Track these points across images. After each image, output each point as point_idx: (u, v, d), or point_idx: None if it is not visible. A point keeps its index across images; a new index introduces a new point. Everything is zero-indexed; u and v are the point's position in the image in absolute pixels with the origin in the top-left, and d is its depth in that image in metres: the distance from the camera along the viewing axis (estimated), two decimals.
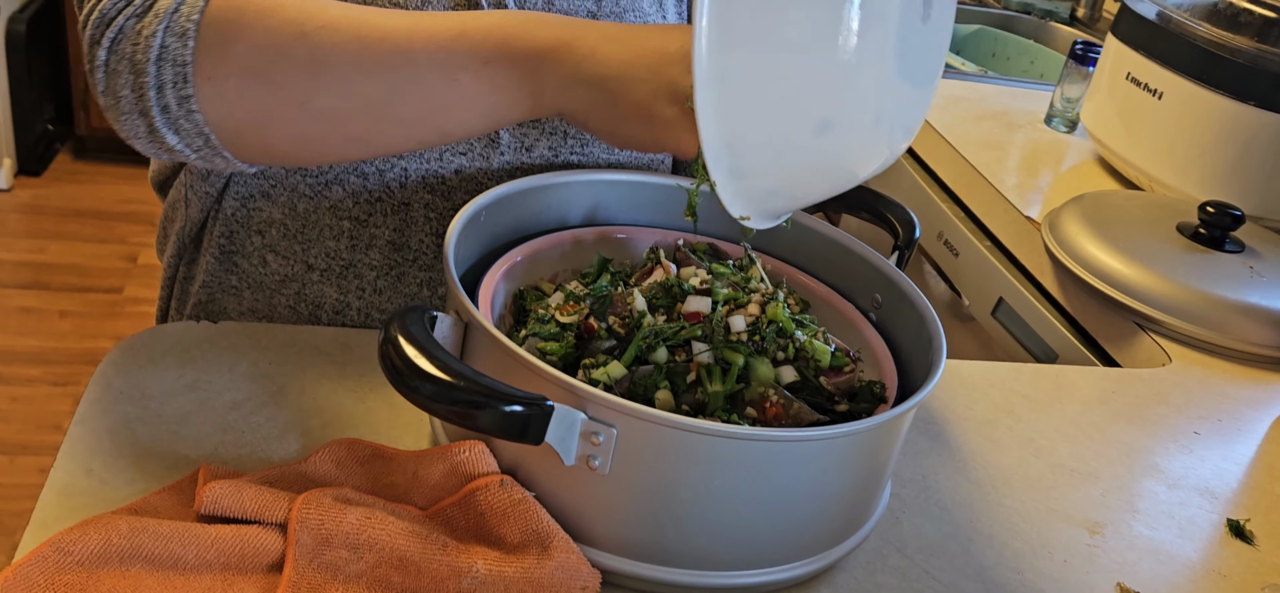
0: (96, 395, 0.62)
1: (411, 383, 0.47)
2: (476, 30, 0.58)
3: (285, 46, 0.57)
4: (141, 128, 0.59)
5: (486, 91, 0.58)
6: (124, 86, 0.58)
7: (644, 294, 0.59)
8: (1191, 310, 0.90)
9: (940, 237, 1.24)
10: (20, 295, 2.27)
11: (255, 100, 0.58)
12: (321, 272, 0.74)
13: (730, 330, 0.57)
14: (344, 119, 0.59)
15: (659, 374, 0.55)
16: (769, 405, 0.54)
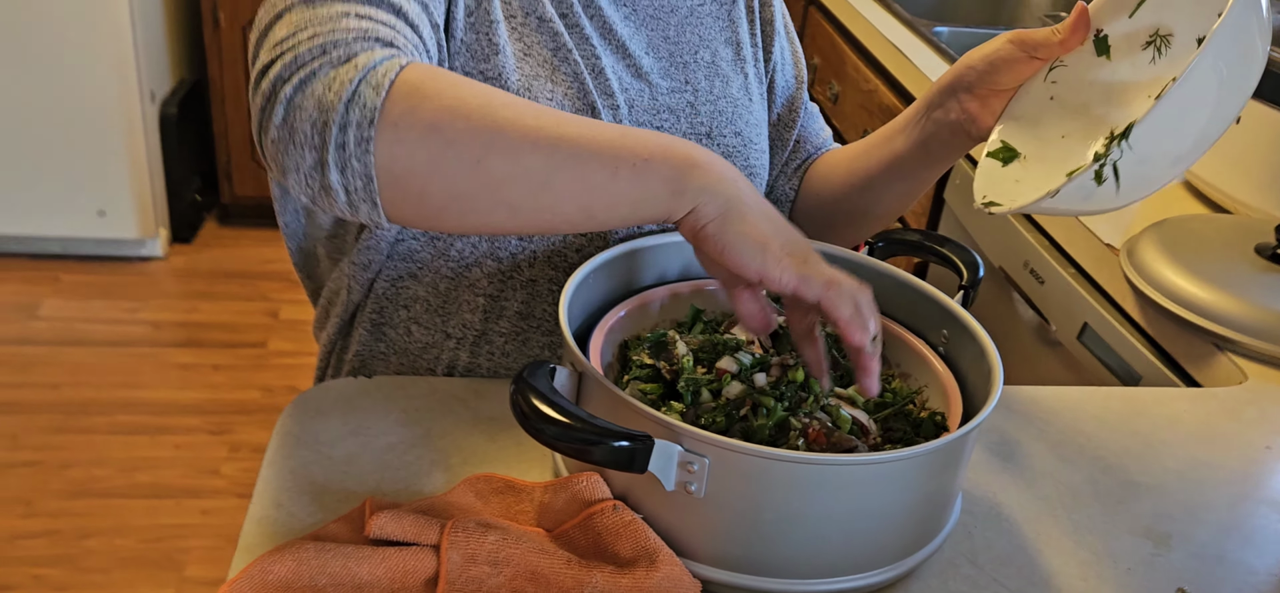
0: (279, 443, 0.74)
1: (537, 426, 0.57)
2: (642, 136, 0.66)
3: (469, 111, 0.64)
4: (309, 161, 0.63)
5: (638, 184, 0.64)
6: (305, 121, 0.63)
7: (690, 346, 0.69)
8: (1265, 329, 0.94)
9: (1026, 265, 1.29)
10: (178, 353, 2.49)
11: (429, 152, 0.63)
12: (458, 340, 0.87)
13: (755, 384, 0.66)
14: (504, 185, 0.64)
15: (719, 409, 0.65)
16: (811, 431, 0.63)
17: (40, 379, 2.33)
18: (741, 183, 0.65)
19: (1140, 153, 0.64)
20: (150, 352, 2.47)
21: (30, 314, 2.54)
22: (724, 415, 0.66)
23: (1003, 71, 0.82)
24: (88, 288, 2.67)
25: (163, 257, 2.82)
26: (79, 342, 2.47)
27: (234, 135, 2.86)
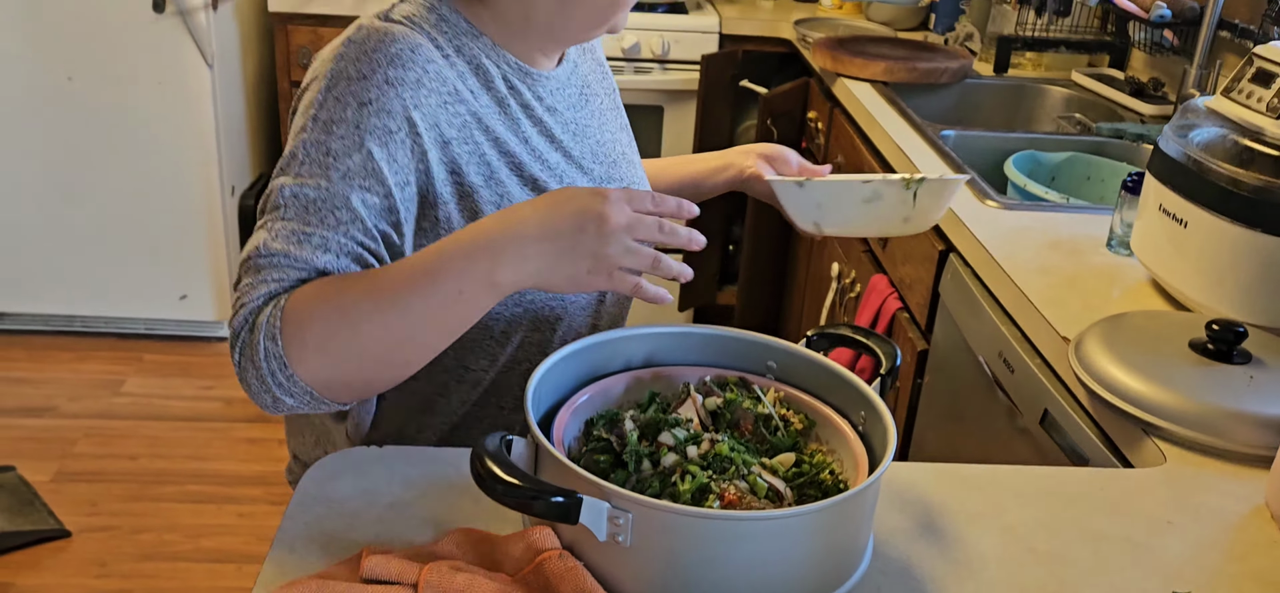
0: (299, 499, 0.89)
1: (490, 485, 0.71)
2: (451, 252, 0.86)
3: (333, 325, 0.85)
4: (267, 401, 0.88)
5: (464, 295, 0.86)
6: (252, 378, 0.87)
7: (636, 425, 0.82)
8: (1185, 416, 1.04)
9: (1000, 355, 1.40)
10: (246, 428, 2.68)
11: (331, 361, 0.86)
12: (454, 426, 1.03)
13: (687, 455, 0.79)
14: (393, 348, 0.87)
15: (656, 476, 0.78)
16: (727, 495, 0.75)
17: (120, 451, 2.54)
18: (527, 226, 0.85)
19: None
20: (222, 427, 2.67)
21: (114, 390, 2.77)
22: (659, 481, 0.79)
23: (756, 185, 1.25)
24: (168, 366, 2.90)
25: None
26: (157, 416, 2.68)
27: None
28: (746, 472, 0.80)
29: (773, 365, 0.94)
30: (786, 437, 0.87)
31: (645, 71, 2.88)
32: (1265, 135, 1.18)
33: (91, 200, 2.83)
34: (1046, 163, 1.94)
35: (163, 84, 2.72)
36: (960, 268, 1.58)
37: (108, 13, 2.65)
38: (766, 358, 0.94)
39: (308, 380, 0.86)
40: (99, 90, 2.72)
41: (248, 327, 0.87)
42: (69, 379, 2.80)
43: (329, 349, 0.85)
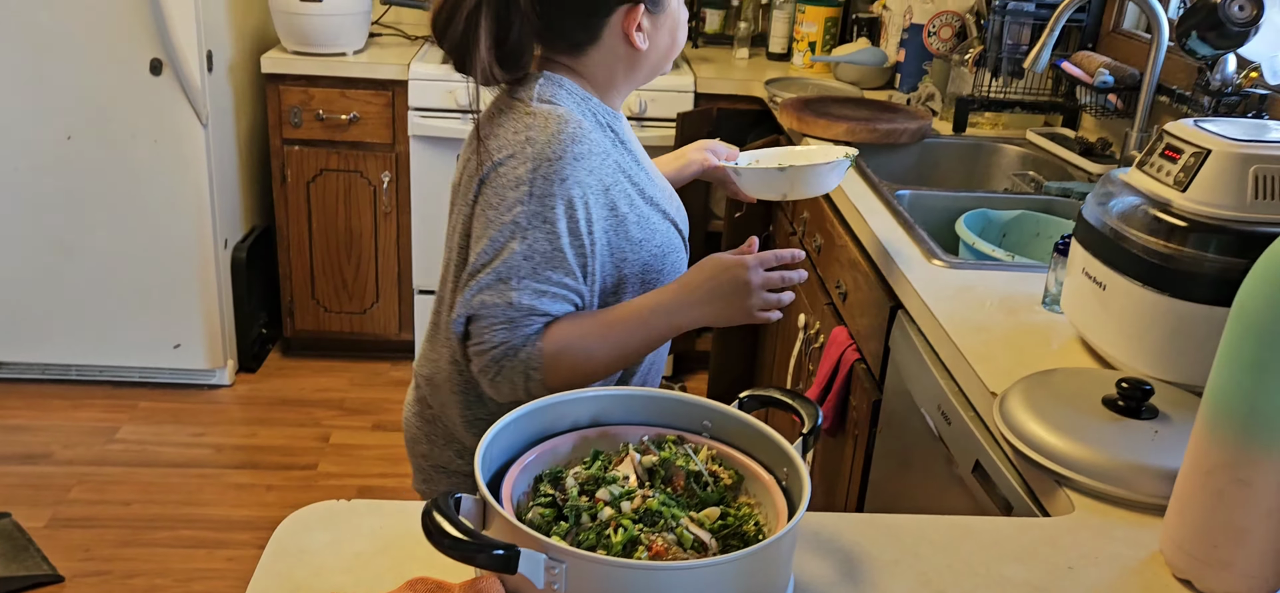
0: (273, 547, 0.97)
1: (437, 538, 0.79)
2: (650, 306, 1.30)
3: (579, 364, 1.25)
4: (505, 395, 1.27)
5: (657, 340, 1.31)
6: (507, 387, 1.25)
7: (577, 482, 0.91)
8: (1092, 467, 1.13)
9: (939, 408, 1.49)
10: (236, 474, 2.76)
11: (569, 383, 1.23)
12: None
13: (621, 509, 0.88)
14: (604, 375, 1.30)
15: (593, 528, 0.87)
16: (655, 547, 0.84)
17: (114, 497, 2.62)
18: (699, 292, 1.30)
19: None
20: (212, 473, 2.75)
21: (108, 437, 2.86)
22: (595, 534, 0.88)
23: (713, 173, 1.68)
24: (161, 413, 2.98)
25: (229, 385, 3.13)
26: (150, 463, 2.76)
27: (297, 276, 3.19)
28: (675, 524, 0.89)
29: (707, 424, 1.03)
30: (715, 491, 0.96)
31: None
32: (1172, 207, 1.28)
33: (88, 253, 2.93)
34: (997, 221, 2.04)
35: (158, 142, 2.83)
36: (907, 323, 1.68)
37: (107, 75, 2.76)
38: (702, 418, 1.03)
39: (549, 391, 1.17)
40: (97, 149, 2.83)
41: (510, 356, 1.24)
42: (64, 426, 2.89)
43: (574, 378, 1.25)
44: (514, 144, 1.23)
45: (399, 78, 2.96)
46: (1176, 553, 1.01)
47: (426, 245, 3.12)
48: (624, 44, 1.30)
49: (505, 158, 1.24)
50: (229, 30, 2.96)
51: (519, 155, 1.22)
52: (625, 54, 1.31)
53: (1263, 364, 0.89)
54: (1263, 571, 0.96)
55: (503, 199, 1.23)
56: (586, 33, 1.29)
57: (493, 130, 1.27)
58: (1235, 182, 1.23)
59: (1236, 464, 0.93)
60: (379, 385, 3.21)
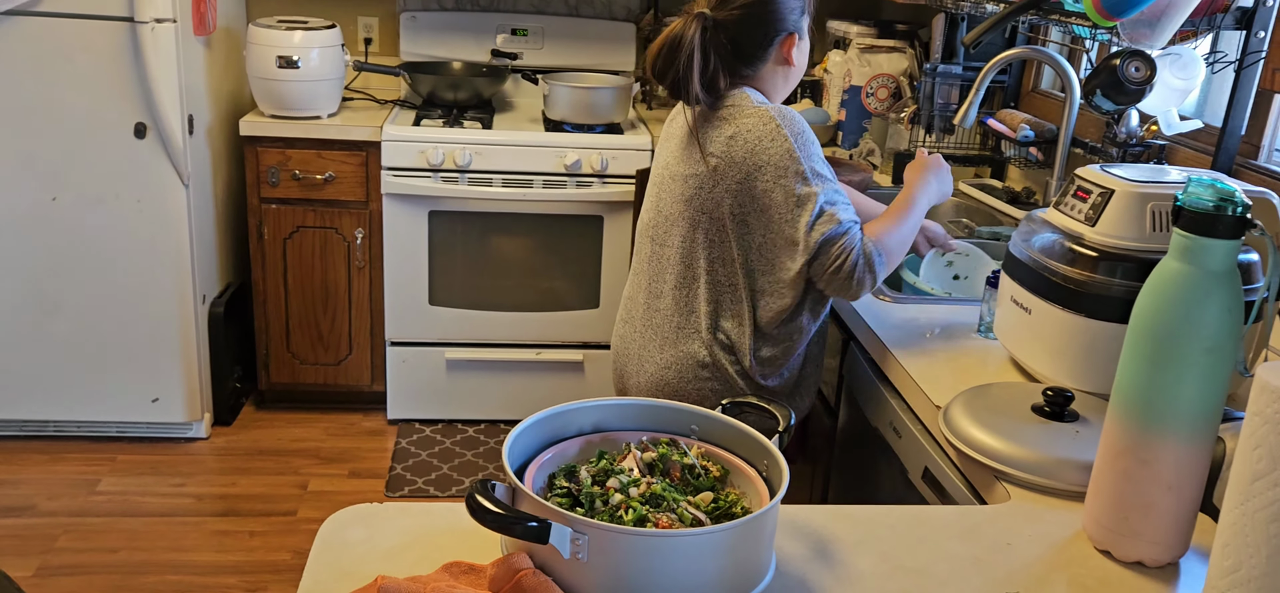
0: (320, 543, 1.11)
1: (481, 514, 0.94)
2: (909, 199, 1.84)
3: (893, 252, 1.75)
4: (867, 288, 1.70)
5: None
6: (868, 282, 1.69)
7: (589, 474, 1.07)
8: (1025, 463, 1.31)
9: (890, 423, 1.67)
10: (217, 521, 2.85)
11: (891, 268, 1.74)
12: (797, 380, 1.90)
13: (629, 494, 1.04)
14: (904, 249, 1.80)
15: (606, 511, 1.02)
16: (660, 523, 1.00)
17: (100, 545, 2.69)
18: (929, 178, 1.90)
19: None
20: (195, 520, 2.83)
21: (90, 489, 2.93)
22: (608, 515, 1.04)
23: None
24: (140, 466, 3.06)
25: (206, 437, 3.22)
26: (134, 513, 2.84)
27: (273, 330, 3.30)
28: (675, 506, 1.05)
29: (695, 428, 1.19)
30: (706, 481, 1.12)
31: (586, 185, 3.18)
32: (1084, 240, 1.48)
33: (69, 311, 3.02)
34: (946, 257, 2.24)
35: (141, 201, 2.94)
36: (858, 353, 1.86)
37: (93, 138, 2.88)
38: (690, 422, 1.20)
39: (887, 272, 1.74)
40: (80, 208, 2.93)
41: (861, 260, 1.68)
42: (45, 479, 2.95)
43: (892, 257, 1.74)
44: (761, 135, 1.68)
45: (372, 139, 3.12)
46: (1096, 528, 1.19)
47: (399, 298, 3.25)
48: (783, 63, 1.79)
49: (765, 142, 1.68)
50: (208, 95, 3.10)
51: (781, 139, 1.67)
52: (784, 70, 1.80)
53: (1154, 362, 1.08)
54: (1167, 537, 1.14)
55: (784, 172, 1.67)
56: (761, 58, 1.76)
57: (724, 138, 1.71)
58: (1136, 217, 1.44)
59: (1138, 447, 1.12)
60: (353, 435, 3.32)
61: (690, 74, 1.69)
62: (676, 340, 1.81)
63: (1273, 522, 0.90)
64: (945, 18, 2.70)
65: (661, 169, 1.86)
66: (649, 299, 1.86)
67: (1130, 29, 1.70)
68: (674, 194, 1.79)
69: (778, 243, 1.72)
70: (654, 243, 1.85)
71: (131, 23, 2.78)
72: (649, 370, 1.86)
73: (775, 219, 1.70)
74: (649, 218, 1.87)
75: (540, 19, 3.58)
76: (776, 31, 1.75)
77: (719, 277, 1.77)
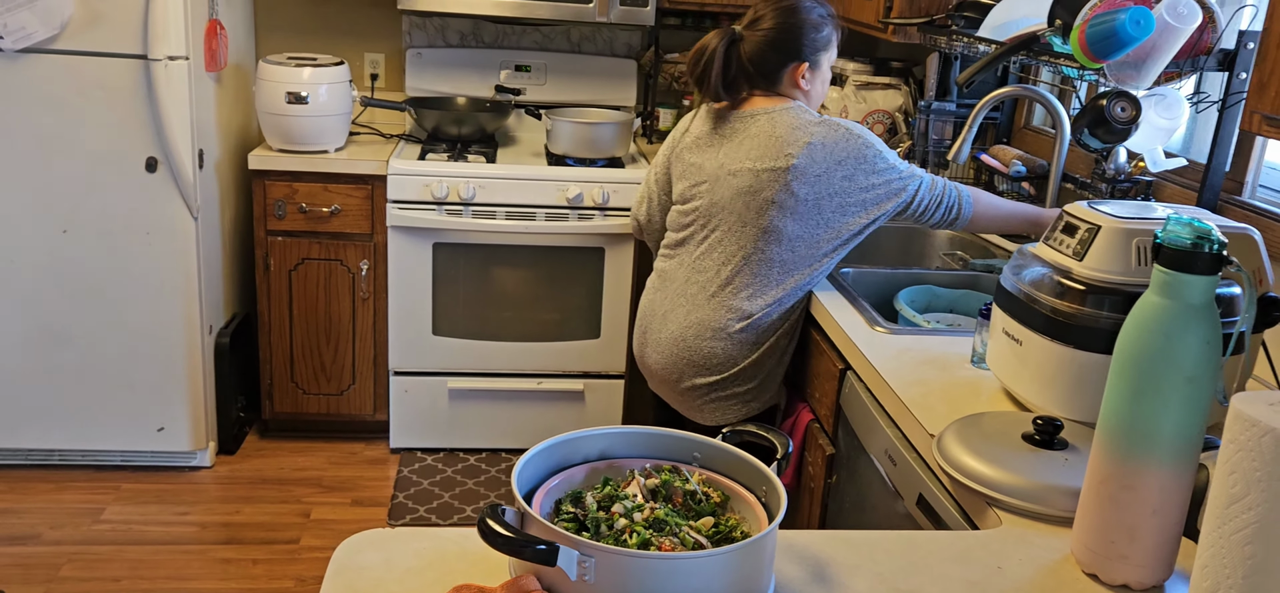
0: (334, 568, 1.15)
1: (493, 538, 0.99)
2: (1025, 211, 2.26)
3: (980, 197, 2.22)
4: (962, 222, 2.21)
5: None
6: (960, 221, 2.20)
7: (595, 500, 1.11)
8: (1016, 490, 1.35)
9: (886, 452, 1.71)
10: (221, 549, 2.88)
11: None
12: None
13: (634, 519, 1.08)
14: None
15: (611, 535, 1.07)
16: (663, 547, 1.04)
17: (104, 574, 2.72)
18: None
19: None
20: (198, 549, 2.86)
21: (95, 518, 2.96)
22: (613, 540, 1.08)
23: None
24: (145, 494, 3.09)
25: (210, 466, 3.25)
26: (138, 541, 2.87)
27: (277, 360, 3.34)
28: (677, 530, 1.09)
29: (697, 455, 1.24)
30: (708, 506, 1.16)
31: (588, 218, 3.23)
32: (1073, 274, 1.53)
33: (78, 342, 3.06)
34: (943, 295, 2.30)
35: (151, 234, 2.99)
36: (856, 383, 1.91)
37: (105, 172, 2.93)
38: (692, 450, 1.24)
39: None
40: (91, 241, 2.98)
41: (961, 203, 2.16)
42: (50, 508, 2.98)
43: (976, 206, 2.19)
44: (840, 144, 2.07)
45: (378, 173, 3.18)
46: (1083, 552, 1.23)
47: (402, 328, 3.30)
48: (794, 86, 2.14)
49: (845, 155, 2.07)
50: (218, 130, 3.16)
51: (856, 141, 2.08)
52: (799, 93, 2.16)
53: (1137, 391, 1.13)
54: (1152, 561, 1.18)
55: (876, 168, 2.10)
56: (775, 78, 2.13)
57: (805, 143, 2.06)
58: (1122, 251, 1.49)
59: (1123, 474, 1.16)
60: (356, 464, 3.35)
61: (709, 75, 2.11)
62: (707, 306, 2.18)
63: (1247, 543, 0.94)
64: (939, 57, 2.77)
65: (714, 168, 2.18)
66: (689, 272, 2.22)
67: (1116, 70, 1.76)
68: (733, 187, 2.13)
69: (846, 215, 2.11)
70: (702, 228, 2.20)
71: (145, 60, 2.84)
72: (670, 330, 2.23)
73: (855, 198, 2.09)
74: (699, 205, 2.21)
75: (543, 56, 3.64)
76: (789, 59, 2.11)
77: (767, 256, 2.12)
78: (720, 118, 2.21)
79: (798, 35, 2.11)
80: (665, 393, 2.31)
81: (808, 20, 2.12)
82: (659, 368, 2.28)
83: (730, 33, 2.12)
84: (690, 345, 2.19)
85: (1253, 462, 0.94)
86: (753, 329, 2.15)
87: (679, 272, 2.26)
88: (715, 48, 2.11)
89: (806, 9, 2.14)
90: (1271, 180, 1.96)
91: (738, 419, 2.22)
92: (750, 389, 2.21)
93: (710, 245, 2.19)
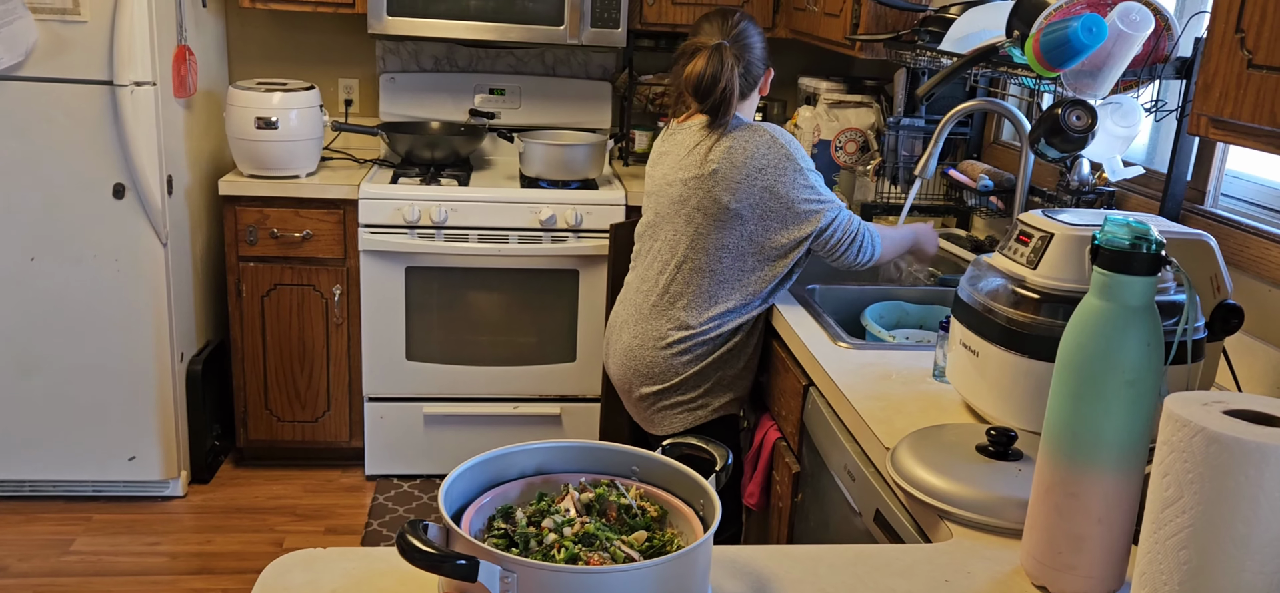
0: (260, 587, 1.12)
1: (411, 554, 0.96)
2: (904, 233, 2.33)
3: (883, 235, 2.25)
4: (860, 261, 2.20)
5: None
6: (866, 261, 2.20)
7: (525, 514, 1.08)
8: (968, 502, 1.32)
9: (845, 468, 1.68)
10: (192, 580, 2.84)
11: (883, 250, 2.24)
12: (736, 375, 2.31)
13: (563, 533, 1.05)
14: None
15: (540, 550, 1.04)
16: (591, 560, 1.01)
17: None
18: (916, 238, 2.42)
19: None
20: (169, 580, 2.82)
21: (63, 549, 2.92)
22: (542, 555, 1.05)
23: None
24: (115, 525, 3.05)
25: (182, 496, 3.22)
26: (106, 572, 2.83)
27: (251, 388, 3.31)
28: (608, 545, 1.06)
29: (635, 469, 1.21)
30: (644, 520, 1.13)
31: (561, 240, 3.21)
32: (1027, 282, 1.51)
33: (47, 371, 3.03)
34: (913, 311, 2.28)
35: (119, 261, 2.97)
36: (818, 399, 1.88)
37: (72, 199, 2.91)
38: (631, 464, 1.21)
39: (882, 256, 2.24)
40: (58, 269, 2.96)
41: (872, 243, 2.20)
42: (18, 540, 2.94)
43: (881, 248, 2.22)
44: (764, 152, 2.11)
45: (350, 197, 3.16)
46: (1032, 563, 1.20)
47: (376, 354, 3.27)
48: (760, 92, 2.26)
49: (766, 164, 2.11)
50: (188, 156, 3.14)
51: (780, 154, 2.12)
52: (756, 98, 2.26)
53: (1077, 396, 1.10)
54: (1100, 571, 1.16)
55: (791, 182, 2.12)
56: (754, 87, 2.23)
57: (726, 148, 2.13)
58: (1075, 259, 1.47)
59: (1067, 481, 1.13)
60: (331, 492, 3.32)
61: (730, 99, 2.13)
62: (649, 318, 2.25)
63: (1182, 548, 0.92)
64: (907, 73, 2.76)
65: (659, 181, 2.26)
66: (638, 283, 2.30)
67: (1073, 80, 1.74)
68: (669, 198, 2.21)
69: (768, 230, 2.14)
70: (650, 239, 2.29)
71: (112, 86, 2.83)
72: (623, 341, 2.30)
73: (775, 210, 2.12)
74: (647, 220, 2.31)
75: (518, 79, 3.64)
76: (764, 67, 2.23)
77: (696, 264, 2.17)
78: (670, 132, 2.30)
79: (762, 46, 2.23)
80: (624, 403, 2.35)
81: (759, 32, 2.24)
82: (616, 378, 2.33)
83: (733, 53, 2.13)
84: (636, 355, 2.26)
85: (1185, 464, 0.91)
86: (694, 342, 2.20)
87: (633, 283, 2.34)
88: (728, 68, 2.12)
89: (752, 19, 2.25)
90: (1234, 189, 1.94)
91: (685, 428, 2.23)
92: (695, 398, 2.24)
93: (653, 256, 2.27)
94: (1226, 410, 0.93)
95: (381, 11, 3.17)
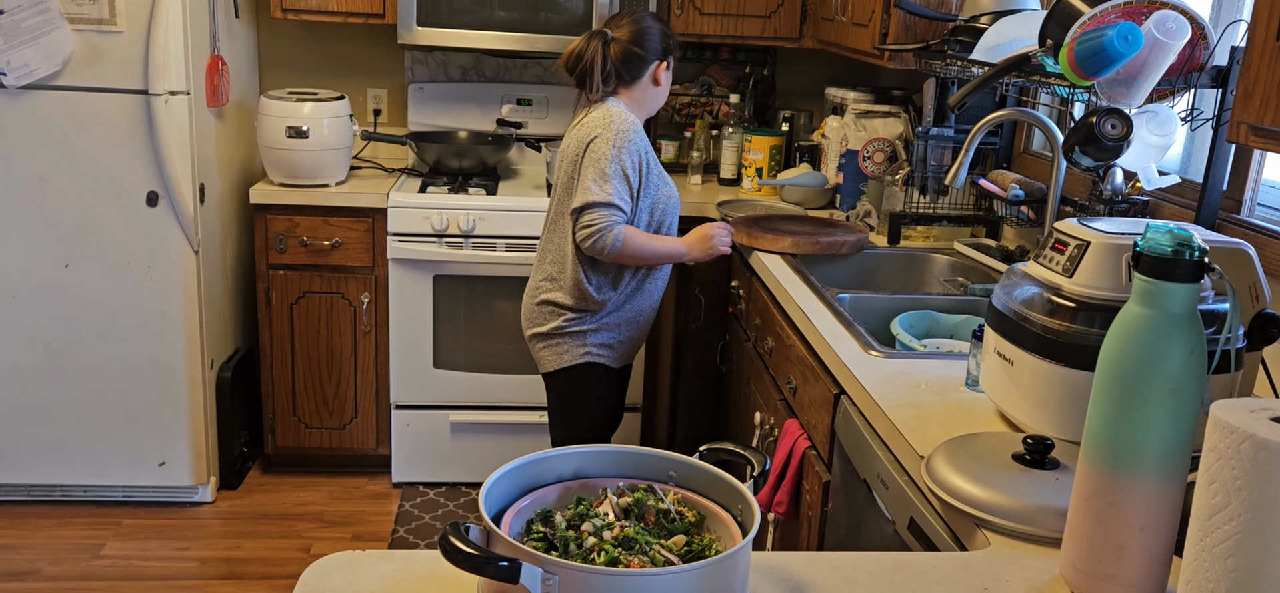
0: (301, 587, 1.13)
1: (453, 555, 0.96)
2: (670, 245, 2.51)
3: (637, 252, 2.42)
4: (597, 254, 2.40)
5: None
6: (607, 252, 2.38)
7: (565, 518, 1.09)
8: (1005, 510, 1.32)
9: (878, 476, 1.68)
10: (221, 585, 2.86)
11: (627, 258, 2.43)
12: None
13: (603, 537, 1.05)
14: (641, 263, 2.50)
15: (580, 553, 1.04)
16: (631, 564, 1.01)
17: None
18: (690, 240, 2.59)
19: None
20: (197, 584, 2.84)
21: (94, 553, 2.94)
22: (581, 558, 1.05)
23: None
24: (145, 530, 3.08)
25: (211, 501, 3.24)
26: (136, 577, 2.85)
27: (279, 395, 3.33)
28: (648, 549, 1.07)
29: (673, 474, 1.21)
30: (681, 525, 1.14)
31: None
32: (1063, 291, 1.50)
33: (80, 376, 3.07)
34: (944, 321, 2.27)
35: (151, 268, 3.00)
36: (849, 408, 1.88)
37: (106, 207, 2.95)
38: (668, 469, 1.21)
39: (619, 258, 2.41)
40: (93, 275, 3.00)
41: (607, 231, 2.35)
42: (50, 545, 2.97)
43: (630, 255, 2.41)
44: (602, 126, 2.37)
45: (379, 206, 3.18)
46: (1072, 572, 1.19)
47: (403, 362, 3.29)
48: (652, 85, 2.48)
49: (594, 136, 2.37)
50: (219, 165, 3.18)
51: (605, 137, 2.36)
52: (651, 91, 2.49)
53: (1120, 404, 1.10)
54: (1141, 580, 1.15)
55: (602, 155, 2.35)
56: (637, 76, 2.46)
57: (589, 121, 2.41)
58: (1111, 267, 1.46)
59: (1108, 490, 1.13)
60: (358, 499, 3.33)
61: (592, 75, 2.41)
62: (532, 280, 2.59)
63: (1230, 556, 0.91)
64: (937, 83, 2.76)
65: (558, 160, 2.54)
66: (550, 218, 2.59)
67: (1108, 88, 1.74)
68: (560, 178, 2.51)
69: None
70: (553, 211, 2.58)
71: (146, 96, 2.86)
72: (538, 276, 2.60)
73: (580, 185, 2.38)
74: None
75: (545, 89, 3.66)
76: (653, 57, 2.45)
77: (557, 229, 2.50)
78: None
79: (657, 41, 2.45)
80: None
81: (661, 27, 2.48)
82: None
83: (602, 35, 2.42)
84: (527, 315, 2.60)
85: (1233, 470, 0.91)
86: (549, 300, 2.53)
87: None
88: (593, 50, 2.40)
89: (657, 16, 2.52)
90: (1270, 198, 1.93)
91: (552, 369, 2.56)
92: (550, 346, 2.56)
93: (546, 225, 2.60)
94: (1274, 417, 0.92)
95: (411, 22, 3.19)
